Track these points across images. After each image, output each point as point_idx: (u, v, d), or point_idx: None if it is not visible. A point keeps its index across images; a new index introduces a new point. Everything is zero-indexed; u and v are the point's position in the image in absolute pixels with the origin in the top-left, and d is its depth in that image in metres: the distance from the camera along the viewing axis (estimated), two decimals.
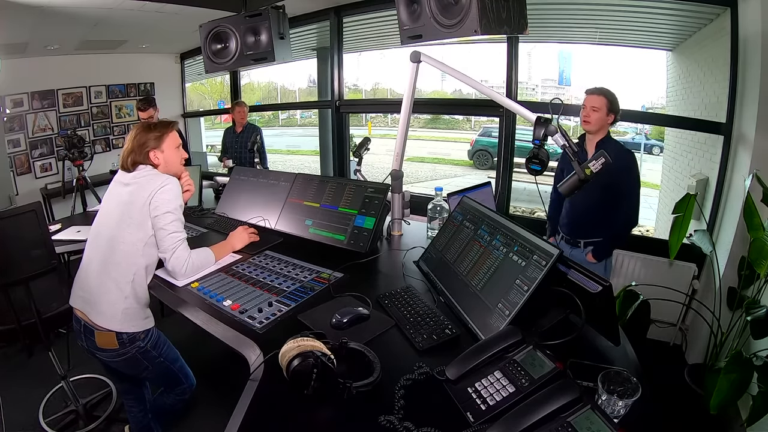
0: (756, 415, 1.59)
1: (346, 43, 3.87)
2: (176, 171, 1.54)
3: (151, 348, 1.48)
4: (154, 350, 1.49)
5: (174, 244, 1.43)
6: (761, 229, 1.87)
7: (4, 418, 1.97)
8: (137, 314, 1.45)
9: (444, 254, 1.47)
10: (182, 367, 1.63)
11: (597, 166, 1.41)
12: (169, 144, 1.52)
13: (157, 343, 1.51)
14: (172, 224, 1.43)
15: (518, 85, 3.01)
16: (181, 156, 1.56)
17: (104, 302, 1.41)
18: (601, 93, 2.01)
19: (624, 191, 2.01)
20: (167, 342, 1.57)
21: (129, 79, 5.02)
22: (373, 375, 0.95)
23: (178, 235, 1.44)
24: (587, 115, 2.04)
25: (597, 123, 2.03)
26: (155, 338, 1.50)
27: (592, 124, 2.04)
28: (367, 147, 2.20)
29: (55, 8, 3.01)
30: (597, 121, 2.03)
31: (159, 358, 1.52)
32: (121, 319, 1.41)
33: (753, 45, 2.12)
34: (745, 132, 2.22)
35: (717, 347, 2.11)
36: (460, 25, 1.49)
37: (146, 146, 1.47)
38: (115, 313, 1.40)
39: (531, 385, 0.86)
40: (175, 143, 1.53)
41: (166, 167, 1.51)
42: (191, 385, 1.67)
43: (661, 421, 0.93)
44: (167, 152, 1.51)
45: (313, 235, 1.81)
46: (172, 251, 1.43)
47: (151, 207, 1.41)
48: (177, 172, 1.55)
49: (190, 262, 1.47)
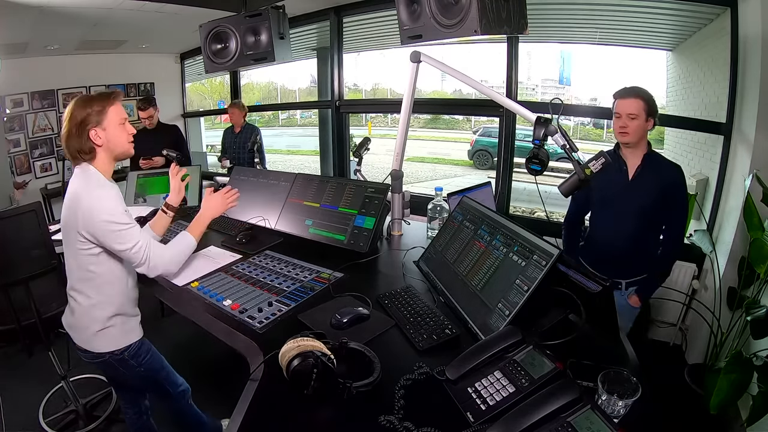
0: (756, 415, 1.59)
1: (346, 43, 3.87)
2: (123, 151, 1.34)
3: (129, 358, 1.40)
4: (132, 360, 1.41)
5: (141, 255, 1.29)
6: (761, 229, 1.87)
7: (4, 418, 1.97)
8: (113, 332, 1.37)
9: (444, 254, 1.47)
10: (168, 376, 1.55)
11: (597, 166, 1.41)
12: (112, 119, 1.29)
13: (137, 353, 1.42)
14: (122, 235, 1.26)
15: (518, 85, 3.01)
16: (129, 132, 1.34)
17: (77, 322, 1.36)
18: (637, 95, 1.62)
19: (672, 214, 1.69)
20: (150, 351, 1.48)
21: (129, 79, 5.02)
22: (373, 375, 0.95)
23: (134, 243, 1.28)
24: (624, 126, 1.65)
25: (637, 133, 1.64)
26: (135, 349, 1.42)
27: (632, 135, 1.65)
28: (367, 147, 2.20)
29: (55, 8, 3.01)
30: (637, 131, 1.64)
31: (138, 368, 1.43)
32: (94, 340, 1.36)
33: (753, 45, 2.12)
34: (745, 132, 2.22)
35: (717, 347, 2.11)
36: (460, 25, 1.49)
37: (87, 123, 1.25)
38: (87, 338, 1.36)
39: (531, 385, 0.86)
40: (119, 118, 1.31)
41: (110, 148, 1.30)
42: (182, 391, 1.60)
43: (661, 421, 0.92)
44: (110, 130, 1.28)
45: (313, 235, 1.81)
46: (145, 263, 1.31)
47: (88, 234, 1.25)
48: (124, 153, 1.34)
49: (167, 259, 1.37)
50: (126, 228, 1.27)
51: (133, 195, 2.54)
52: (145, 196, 2.55)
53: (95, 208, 1.23)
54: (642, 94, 1.63)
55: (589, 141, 9.36)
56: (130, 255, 1.29)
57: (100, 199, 1.24)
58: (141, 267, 1.32)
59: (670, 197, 1.65)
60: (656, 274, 1.82)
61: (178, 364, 1.62)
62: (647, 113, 1.63)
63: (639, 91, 1.64)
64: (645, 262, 1.77)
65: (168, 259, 1.38)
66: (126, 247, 1.27)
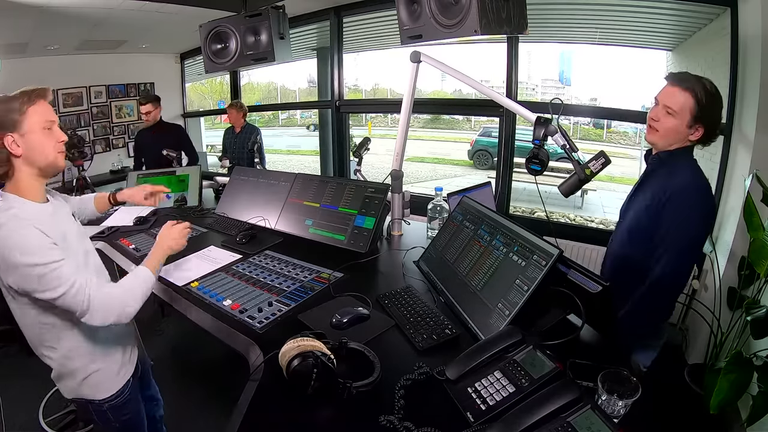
0: (756, 415, 1.59)
1: (346, 43, 3.87)
2: (48, 163, 1.07)
3: (108, 410, 1.22)
4: (110, 413, 1.22)
5: (80, 300, 0.99)
6: (761, 229, 1.87)
7: (4, 418, 1.97)
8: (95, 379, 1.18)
9: (444, 254, 1.47)
10: None
11: (597, 166, 1.41)
12: (35, 122, 1.03)
13: (123, 406, 1.24)
14: (48, 278, 0.96)
15: (518, 85, 3.01)
16: (58, 139, 1.08)
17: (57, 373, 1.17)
18: (688, 88, 1.21)
19: (668, 238, 1.24)
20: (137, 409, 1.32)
21: (129, 79, 5.02)
22: (373, 375, 0.95)
23: (69, 285, 0.98)
24: (655, 119, 1.28)
25: (667, 134, 1.26)
26: (122, 400, 1.23)
27: (659, 136, 1.28)
28: (367, 147, 2.20)
29: (55, 8, 3.01)
30: (668, 134, 1.26)
31: (114, 423, 1.23)
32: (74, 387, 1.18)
33: (753, 45, 2.12)
34: (745, 132, 2.21)
35: (717, 347, 2.11)
36: (460, 25, 1.49)
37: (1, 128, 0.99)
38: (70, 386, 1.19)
39: (531, 385, 0.86)
40: (43, 120, 1.05)
41: (31, 159, 1.04)
42: None
43: (661, 421, 0.92)
44: (30, 136, 1.02)
45: (313, 235, 1.81)
46: (88, 309, 1.01)
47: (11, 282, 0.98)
48: (50, 165, 1.07)
49: (118, 300, 1.06)
50: (53, 268, 0.96)
51: None
52: None
53: (6, 247, 0.94)
54: (696, 88, 1.21)
55: (589, 141, 9.36)
56: (68, 302, 0.99)
57: (11, 234, 0.95)
58: (84, 315, 1.00)
59: (662, 214, 1.27)
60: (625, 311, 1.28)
61: (178, 364, 1.61)
62: (694, 116, 1.21)
63: (695, 83, 1.21)
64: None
65: (119, 299, 1.06)
66: (58, 294, 0.97)
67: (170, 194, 2.55)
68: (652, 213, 1.29)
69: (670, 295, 1.30)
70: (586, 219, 6.01)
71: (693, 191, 1.23)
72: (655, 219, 1.27)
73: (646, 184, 1.39)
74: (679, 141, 1.28)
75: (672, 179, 1.26)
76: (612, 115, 3.77)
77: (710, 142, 1.29)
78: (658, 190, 1.29)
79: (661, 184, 1.29)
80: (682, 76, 1.25)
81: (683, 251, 1.24)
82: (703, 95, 1.21)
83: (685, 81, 1.23)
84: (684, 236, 1.23)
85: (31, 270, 0.95)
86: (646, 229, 1.30)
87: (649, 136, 1.32)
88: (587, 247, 2.71)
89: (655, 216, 1.27)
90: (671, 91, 1.25)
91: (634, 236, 1.36)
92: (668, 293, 1.29)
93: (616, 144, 8.96)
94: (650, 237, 1.28)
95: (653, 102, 1.31)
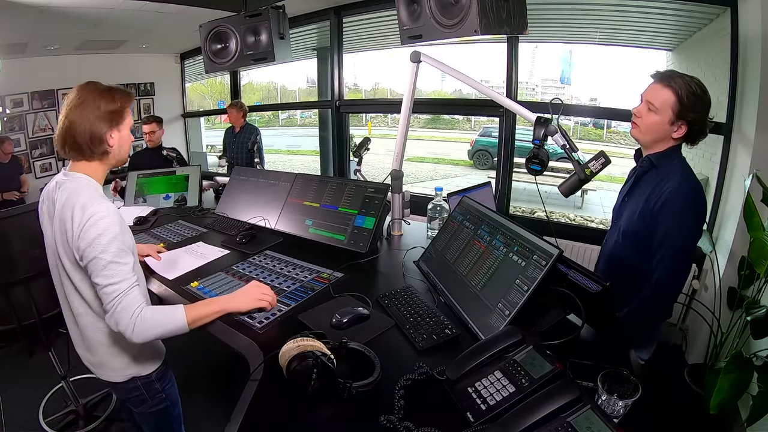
0: (756, 415, 1.59)
1: (346, 43, 3.87)
2: (121, 159, 1.19)
3: (155, 380, 1.31)
4: (158, 383, 1.31)
5: (113, 298, 1.04)
6: (761, 229, 1.87)
7: (4, 418, 1.98)
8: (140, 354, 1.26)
9: (444, 254, 1.47)
10: (179, 417, 1.42)
11: (597, 166, 1.41)
12: (129, 121, 1.16)
13: (166, 374, 1.35)
14: (107, 270, 1.03)
15: (518, 85, 3.01)
16: (132, 139, 1.21)
17: (96, 352, 1.21)
18: (669, 84, 1.24)
19: (666, 242, 1.25)
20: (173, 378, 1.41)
21: (129, 79, 5.03)
22: (373, 375, 0.95)
23: (116, 285, 1.04)
24: (638, 114, 1.31)
25: (649, 130, 1.30)
26: (165, 367, 1.35)
27: (642, 130, 1.31)
28: (367, 147, 2.21)
29: (55, 8, 3.01)
30: (650, 130, 1.29)
31: (161, 393, 1.32)
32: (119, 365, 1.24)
33: (753, 45, 2.12)
34: (745, 132, 2.21)
35: (717, 347, 2.11)
36: (460, 25, 1.49)
37: (112, 120, 1.08)
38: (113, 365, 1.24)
39: (531, 385, 0.86)
40: (131, 121, 1.19)
41: (119, 152, 1.16)
42: None
43: (661, 421, 0.92)
44: (124, 133, 1.14)
45: (313, 235, 1.81)
46: (113, 306, 1.04)
47: (78, 252, 1.04)
48: (121, 162, 1.19)
49: (139, 320, 1.04)
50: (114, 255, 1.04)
51: (132, 195, 2.55)
52: (144, 196, 2.55)
53: (98, 225, 1.03)
54: (675, 84, 1.23)
55: (589, 141, 9.37)
56: (104, 292, 1.04)
57: (103, 212, 1.05)
58: (108, 313, 1.04)
59: (656, 215, 1.27)
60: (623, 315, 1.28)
61: (178, 364, 1.61)
62: (676, 113, 1.24)
63: (675, 80, 1.24)
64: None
65: (139, 319, 1.04)
66: (106, 281, 1.03)
67: (170, 194, 2.56)
68: (646, 218, 1.30)
69: (671, 296, 1.32)
70: (586, 219, 6.02)
71: (685, 194, 1.25)
72: (650, 224, 1.29)
73: (637, 187, 1.40)
74: (662, 138, 1.31)
75: (664, 184, 1.28)
76: (612, 115, 3.77)
77: (697, 140, 1.32)
78: (651, 194, 1.30)
79: (653, 189, 1.31)
80: (667, 74, 1.28)
81: (680, 253, 1.26)
82: (686, 93, 1.23)
83: (669, 79, 1.25)
84: (680, 238, 1.25)
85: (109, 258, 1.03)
86: (642, 234, 1.32)
87: (632, 131, 1.36)
88: (587, 247, 2.72)
89: (650, 221, 1.29)
90: (655, 88, 1.28)
91: (628, 239, 1.38)
92: (669, 294, 1.31)
93: (616, 144, 8.96)
94: (646, 241, 1.30)
95: (639, 99, 1.34)
